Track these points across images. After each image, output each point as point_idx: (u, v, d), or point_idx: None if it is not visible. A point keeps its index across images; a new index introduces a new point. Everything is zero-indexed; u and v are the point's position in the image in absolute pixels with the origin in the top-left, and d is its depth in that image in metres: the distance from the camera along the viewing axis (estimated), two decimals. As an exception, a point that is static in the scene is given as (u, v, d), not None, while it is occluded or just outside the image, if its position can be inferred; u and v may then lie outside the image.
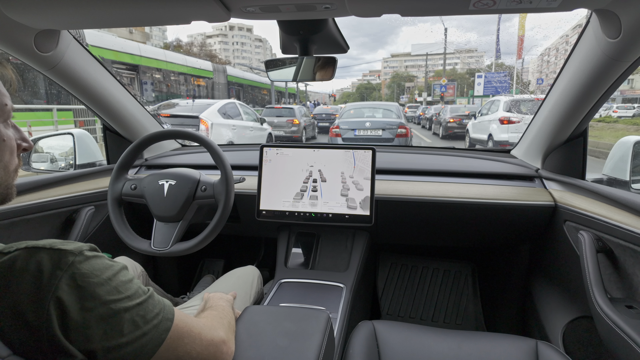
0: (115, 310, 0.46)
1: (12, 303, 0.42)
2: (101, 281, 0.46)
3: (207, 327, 0.63)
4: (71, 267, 0.44)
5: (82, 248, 0.47)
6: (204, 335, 0.60)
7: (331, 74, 1.19)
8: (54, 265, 0.44)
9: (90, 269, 0.46)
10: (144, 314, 0.49)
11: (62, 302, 0.43)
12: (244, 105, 8.81)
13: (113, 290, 0.47)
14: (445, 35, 31.19)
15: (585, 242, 1.07)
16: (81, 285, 0.44)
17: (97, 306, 0.45)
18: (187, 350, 0.55)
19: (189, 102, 7.97)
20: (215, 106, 7.40)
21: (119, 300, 0.47)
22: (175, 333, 0.54)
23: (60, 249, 0.45)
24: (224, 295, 0.93)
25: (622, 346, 0.84)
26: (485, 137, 8.85)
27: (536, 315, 1.42)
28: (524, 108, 8.17)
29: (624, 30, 0.86)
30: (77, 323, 0.43)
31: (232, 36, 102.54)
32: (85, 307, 0.44)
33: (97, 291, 0.45)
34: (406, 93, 67.06)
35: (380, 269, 1.98)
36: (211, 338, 0.62)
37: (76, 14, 0.93)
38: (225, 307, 0.82)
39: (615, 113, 19.45)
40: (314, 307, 1.16)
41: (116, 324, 0.46)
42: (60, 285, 0.43)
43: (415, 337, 1.03)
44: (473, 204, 1.38)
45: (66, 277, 0.44)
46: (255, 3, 0.85)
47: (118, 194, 1.29)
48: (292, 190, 1.39)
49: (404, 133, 7.65)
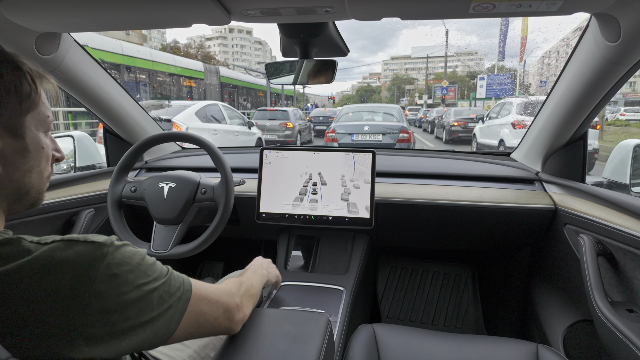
0: (146, 291, 0.52)
1: (51, 291, 0.45)
2: (132, 267, 0.52)
3: (225, 293, 0.70)
4: (106, 257, 0.49)
5: (111, 239, 0.52)
6: (220, 301, 0.67)
7: (331, 77, 1.19)
8: (92, 256, 0.48)
9: (122, 257, 0.51)
10: (168, 290, 0.56)
11: (101, 290, 0.48)
12: (229, 108, 8.22)
13: (142, 274, 0.53)
14: (447, 37, 31.31)
15: (586, 246, 1.06)
16: (116, 273, 0.49)
17: (131, 290, 0.51)
18: (206, 317, 0.63)
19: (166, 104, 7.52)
20: (192, 109, 6.82)
21: (148, 283, 0.53)
22: (195, 301, 0.61)
23: (94, 241, 0.50)
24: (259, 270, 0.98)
25: (623, 350, 0.84)
26: (495, 142, 8.24)
27: (536, 319, 1.42)
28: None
29: (624, 33, 0.86)
30: (115, 306, 0.49)
31: (232, 38, 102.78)
32: (121, 292, 0.49)
33: (129, 277, 0.51)
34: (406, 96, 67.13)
35: (380, 272, 1.98)
36: (227, 304, 0.69)
37: (77, 17, 0.94)
38: (251, 278, 0.88)
39: (623, 116, 19.21)
40: (314, 310, 1.15)
41: (148, 302, 0.52)
42: (99, 274, 0.48)
43: (416, 340, 1.03)
44: (473, 207, 1.38)
45: (103, 267, 0.48)
46: (255, 6, 0.85)
47: (118, 196, 1.29)
48: (292, 193, 1.39)
49: (406, 138, 7.09)
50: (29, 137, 0.56)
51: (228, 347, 0.78)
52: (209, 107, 7.43)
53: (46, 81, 0.58)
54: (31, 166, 0.57)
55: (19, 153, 0.55)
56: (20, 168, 0.56)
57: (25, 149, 0.56)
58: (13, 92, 0.52)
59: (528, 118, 7.32)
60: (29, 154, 0.56)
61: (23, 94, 0.54)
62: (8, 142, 0.53)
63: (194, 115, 6.77)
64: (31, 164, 0.57)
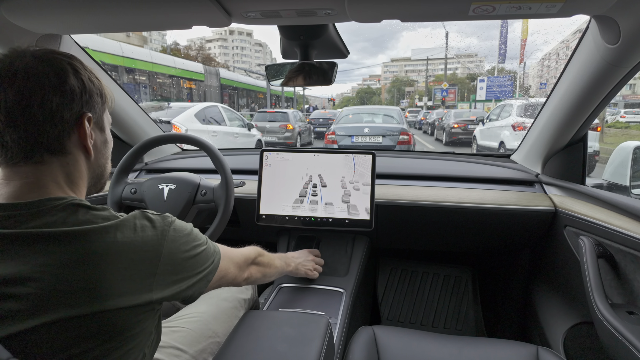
0: (197, 252, 0.68)
1: (141, 243, 0.58)
2: (187, 233, 0.67)
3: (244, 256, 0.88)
4: (172, 224, 0.64)
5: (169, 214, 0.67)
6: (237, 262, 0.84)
7: (331, 78, 1.19)
8: (162, 222, 0.63)
9: (180, 226, 0.66)
10: (209, 252, 0.72)
11: (170, 247, 0.62)
12: (229, 110, 8.24)
13: (193, 239, 0.68)
14: (447, 39, 31.36)
15: (586, 248, 1.06)
16: (178, 236, 0.64)
17: (188, 250, 0.66)
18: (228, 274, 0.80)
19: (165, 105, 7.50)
20: (192, 110, 6.86)
21: (198, 246, 0.68)
22: (224, 261, 0.77)
23: (160, 214, 0.65)
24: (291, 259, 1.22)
25: (623, 352, 0.84)
26: (495, 144, 8.30)
27: (537, 321, 1.42)
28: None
29: (623, 36, 0.86)
30: (179, 260, 0.63)
31: (232, 40, 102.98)
32: (181, 250, 0.64)
33: (187, 239, 0.66)
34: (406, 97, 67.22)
35: (380, 274, 1.98)
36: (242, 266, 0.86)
37: (78, 19, 0.94)
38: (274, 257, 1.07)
39: (623, 118, 19.14)
40: (314, 312, 1.15)
41: (198, 260, 0.68)
42: (169, 235, 0.62)
43: (416, 342, 1.03)
44: (473, 209, 1.38)
45: (171, 231, 0.63)
46: (256, 8, 0.85)
47: (118, 197, 1.29)
48: (292, 195, 1.39)
49: (406, 140, 7.06)
50: (107, 131, 0.70)
51: (227, 349, 0.78)
52: (209, 109, 7.41)
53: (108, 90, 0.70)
54: (109, 154, 0.72)
55: (104, 143, 0.69)
56: (104, 155, 0.70)
57: (107, 140, 0.70)
58: (99, 95, 0.65)
59: (528, 120, 7.30)
60: (108, 144, 0.71)
61: (104, 97, 0.67)
62: (98, 134, 0.67)
63: (194, 117, 6.75)
64: (109, 152, 0.72)
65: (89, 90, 0.63)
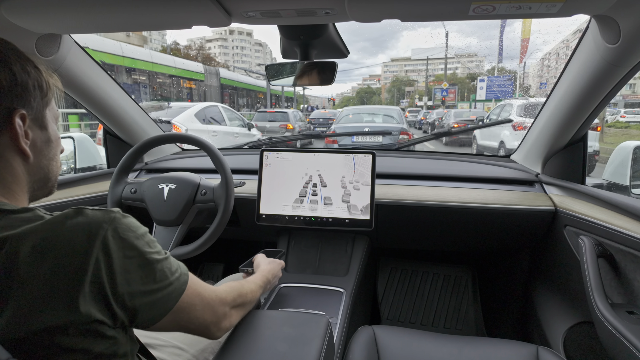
0: (149, 260, 0.55)
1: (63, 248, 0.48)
2: (137, 235, 0.55)
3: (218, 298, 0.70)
4: (114, 221, 0.53)
5: (117, 209, 0.56)
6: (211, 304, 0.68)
7: (331, 78, 1.19)
8: (101, 220, 0.52)
9: (128, 224, 0.55)
10: (169, 267, 0.59)
11: (109, 249, 0.51)
12: (229, 109, 8.19)
13: (146, 244, 0.56)
14: (447, 38, 31.36)
15: (586, 247, 1.06)
16: (122, 237, 0.53)
17: (136, 255, 0.54)
18: (196, 313, 0.64)
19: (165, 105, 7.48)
20: (192, 110, 6.76)
21: (152, 253, 0.56)
22: (191, 290, 0.62)
23: (102, 209, 0.54)
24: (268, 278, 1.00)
25: (623, 352, 0.84)
26: (495, 144, 8.26)
27: (537, 321, 1.42)
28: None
29: (623, 35, 0.86)
30: (120, 268, 0.51)
31: (232, 40, 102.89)
32: (126, 255, 0.53)
33: (135, 243, 0.54)
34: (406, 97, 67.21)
35: (380, 274, 1.98)
36: (216, 309, 0.69)
37: (77, 19, 0.94)
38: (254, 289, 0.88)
39: (623, 118, 19.12)
40: (314, 311, 1.15)
41: (150, 272, 0.55)
42: (107, 235, 0.51)
43: (416, 342, 1.03)
44: (473, 209, 1.38)
45: (111, 229, 0.52)
46: (256, 8, 0.85)
47: (118, 197, 1.29)
48: (292, 195, 1.39)
49: (405, 140, 7.17)
50: (50, 129, 0.62)
51: (227, 349, 0.78)
52: (209, 109, 7.39)
53: (54, 79, 0.63)
54: (53, 154, 0.63)
55: (45, 143, 0.61)
56: (47, 156, 0.61)
57: (49, 139, 0.62)
58: (38, 87, 0.57)
59: (528, 120, 7.30)
60: (52, 143, 0.62)
61: (44, 89, 0.59)
62: (37, 133, 0.59)
63: (194, 117, 6.73)
64: (53, 152, 0.63)
65: (22, 82, 0.54)
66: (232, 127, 7.85)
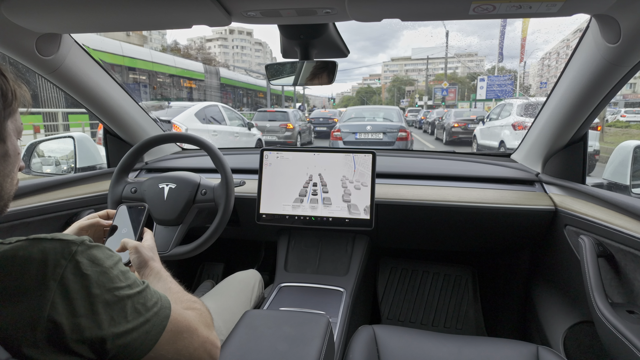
0: (119, 297, 0.49)
1: (14, 291, 0.43)
2: (104, 269, 0.49)
3: (203, 324, 0.65)
4: (75, 255, 0.46)
5: (83, 238, 0.50)
6: (200, 331, 0.62)
7: (331, 78, 1.19)
8: (59, 254, 0.45)
9: (92, 257, 0.48)
10: (144, 302, 0.52)
11: (69, 289, 0.44)
12: (229, 109, 8.23)
13: (115, 278, 0.50)
14: (447, 38, 31.35)
15: (586, 247, 1.06)
16: (85, 273, 0.46)
17: (103, 293, 0.47)
18: (185, 344, 0.58)
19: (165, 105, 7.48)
20: (192, 110, 6.76)
21: (122, 288, 0.50)
22: (174, 323, 0.56)
23: (62, 239, 0.47)
24: (156, 273, 0.83)
25: (623, 351, 0.84)
26: (495, 143, 8.36)
27: (537, 320, 1.42)
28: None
29: (624, 35, 0.86)
30: (85, 309, 0.45)
31: (232, 40, 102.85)
32: (90, 294, 0.46)
33: (101, 279, 0.48)
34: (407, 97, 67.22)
35: (381, 273, 1.98)
36: (207, 336, 0.64)
37: (78, 18, 0.94)
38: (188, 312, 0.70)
39: (623, 117, 19.10)
40: (314, 311, 1.15)
41: (121, 310, 0.49)
42: (66, 273, 0.45)
43: (416, 342, 1.03)
44: (473, 208, 1.38)
45: (71, 266, 0.46)
46: (256, 7, 0.85)
47: (118, 197, 1.29)
48: (292, 194, 1.39)
49: (404, 137, 7.80)
50: (9, 142, 0.55)
51: (227, 349, 0.78)
52: (209, 109, 7.40)
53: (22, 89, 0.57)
54: (9, 171, 0.56)
55: (1, 157, 0.54)
56: (1, 172, 0.54)
57: (7, 154, 0.55)
58: (0, 96, 0.51)
59: (528, 119, 7.35)
60: (9, 158, 0.55)
61: (8, 98, 0.53)
62: None
63: (194, 117, 6.74)
64: (9, 169, 0.56)
65: None
66: (232, 126, 7.89)
